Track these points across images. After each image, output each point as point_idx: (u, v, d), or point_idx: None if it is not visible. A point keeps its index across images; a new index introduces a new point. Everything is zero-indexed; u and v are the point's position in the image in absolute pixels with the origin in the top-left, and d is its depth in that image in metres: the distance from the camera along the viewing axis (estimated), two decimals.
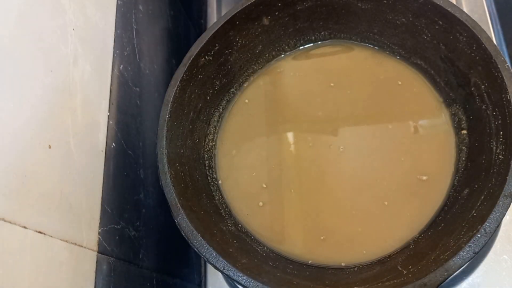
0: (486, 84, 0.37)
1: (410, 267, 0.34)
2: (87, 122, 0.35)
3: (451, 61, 0.41)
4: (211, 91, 0.46)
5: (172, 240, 0.47)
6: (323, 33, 0.48)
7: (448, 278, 0.30)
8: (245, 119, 0.48)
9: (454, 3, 0.39)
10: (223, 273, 0.33)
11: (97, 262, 0.33)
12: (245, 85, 0.49)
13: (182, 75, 0.40)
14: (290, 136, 0.46)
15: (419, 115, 0.44)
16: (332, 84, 0.47)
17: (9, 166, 0.26)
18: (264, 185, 0.43)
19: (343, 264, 0.39)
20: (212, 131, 0.47)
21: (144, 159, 0.43)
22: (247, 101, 0.48)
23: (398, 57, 0.46)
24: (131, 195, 0.40)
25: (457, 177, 0.40)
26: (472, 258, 0.30)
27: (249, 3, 0.42)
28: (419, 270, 0.32)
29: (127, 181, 0.40)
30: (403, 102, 0.45)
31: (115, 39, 0.41)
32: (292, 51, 0.50)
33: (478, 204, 0.34)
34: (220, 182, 0.45)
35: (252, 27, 0.45)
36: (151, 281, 0.41)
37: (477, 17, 0.52)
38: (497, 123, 0.36)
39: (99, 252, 0.33)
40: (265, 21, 0.45)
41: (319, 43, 0.49)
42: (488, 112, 0.37)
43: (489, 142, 0.36)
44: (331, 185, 0.43)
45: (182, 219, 0.35)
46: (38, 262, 0.27)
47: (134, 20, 0.45)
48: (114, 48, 0.40)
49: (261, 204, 0.43)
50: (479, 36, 0.37)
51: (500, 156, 0.34)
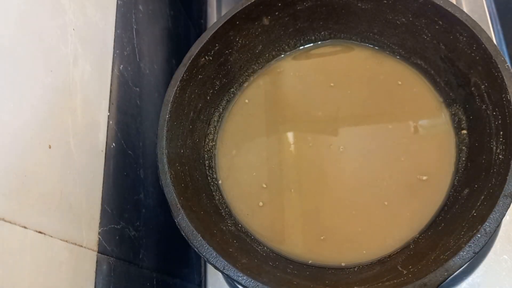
0: (486, 84, 0.37)
1: (410, 267, 0.34)
2: (87, 122, 0.35)
3: (451, 61, 0.41)
4: (211, 91, 0.46)
5: (172, 240, 0.47)
6: (323, 33, 0.48)
7: (448, 278, 0.30)
8: (245, 119, 0.47)
9: (454, 3, 0.39)
10: (223, 273, 0.33)
11: (97, 262, 0.33)
12: (245, 85, 0.49)
13: (182, 75, 0.40)
14: (290, 136, 0.46)
15: (419, 115, 0.44)
16: (332, 84, 0.47)
17: (9, 166, 0.26)
18: (264, 185, 0.43)
19: (343, 264, 0.39)
20: (212, 131, 0.47)
21: (144, 159, 0.43)
22: (247, 101, 0.48)
23: (398, 57, 0.46)
24: (131, 195, 0.40)
25: (457, 177, 0.40)
26: (472, 258, 0.30)
27: (249, 3, 0.42)
28: (419, 270, 0.32)
29: (127, 181, 0.40)
30: (403, 102, 0.45)
31: (115, 39, 0.41)
32: (292, 51, 0.50)
33: (478, 204, 0.34)
34: (220, 182, 0.45)
35: (252, 27, 0.45)
36: (151, 281, 0.41)
37: (477, 17, 0.52)
38: (497, 123, 0.36)
39: (99, 252, 0.33)
40: (265, 21, 0.45)
41: (319, 43, 0.49)
42: (488, 112, 0.37)
43: (489, 142, 0.36)
44: (331, 185, 0.43)
45: (182, 219, 0.35)
46: (38, 262, 0.27)
47: (134, 20, 0.45)
48: (114, 48, 0.40)
49: (261, 204, 0.43)
50: (479, 36, 0.37)
51: (500, 156, 0.34)
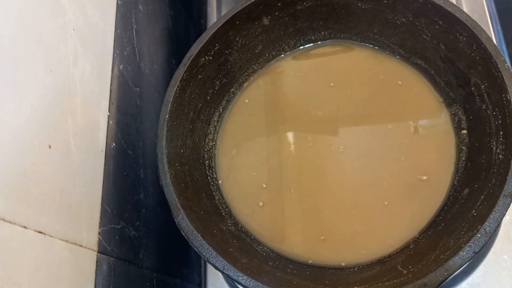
0: (486, 84, 0.37)
1: (410, 267, 0.34)
2: (87, 122, 0.35)
3: (451, 61, 0.41)
4: (211, 91, 0.46)
5: (172, 240, 0.47)
6: (323, 33, 0.48)
7: (448, 278, 0.30)
8: (245, 119, 0.47)
9: (454, 3, 0.39)
10: (223, 273, 0.33)
11: (97, 262, 0.33)
12: (245, 85, 0.49)
13: (182, 75, 0.40)
14: (290, 136, 0.46)
15: (419, 115, 0.44)
16: (332, 84, 0.47)
17: (9, 166, 0.26)
18: (264, 185, 0.43)
19: (343, 264, 0.39)
20: (212, 131, 0.47)
21: (144, 159, 0.43)
22: (247, 101, 0.48)
23: (398, 57, 0.46)
24: (131, 195, 0.40)
25: (457, 177, 0.40)
26: (472, 258, 0.30)
27: (249, 3, 0.42)
28: (419, 270, 0.32)
29: (127, 181, 0.40)
30: (403, 102, 0.45)
31: (115, 39, 0.41)
32: (292, 51, 0.50)
33: (478, 204, 0.34)
34: (220, 182, 0.45)
35: (252, 27, 0.45)
36: (151, 281, 0.41)
37: (477, 17, 0.52)
38: (497, 123, 0.36)
39: (99, 252, 0.33)
40: (265, 21, 0.45)
41: (319, 43, 0.49)
42: (488, 112, 0.37)
43: (489, 142, 0.36)
44: (331, 185, 0.43)
45: (182, 219, 0.35)
46: (38, 262, 0.27)
47: (134, 20, 0.45)
48: (114, 48, 0.40)
49: (261, 204, 0.43)
50: (479, 36, 0.37)
51: (500, 156, 0.34)
